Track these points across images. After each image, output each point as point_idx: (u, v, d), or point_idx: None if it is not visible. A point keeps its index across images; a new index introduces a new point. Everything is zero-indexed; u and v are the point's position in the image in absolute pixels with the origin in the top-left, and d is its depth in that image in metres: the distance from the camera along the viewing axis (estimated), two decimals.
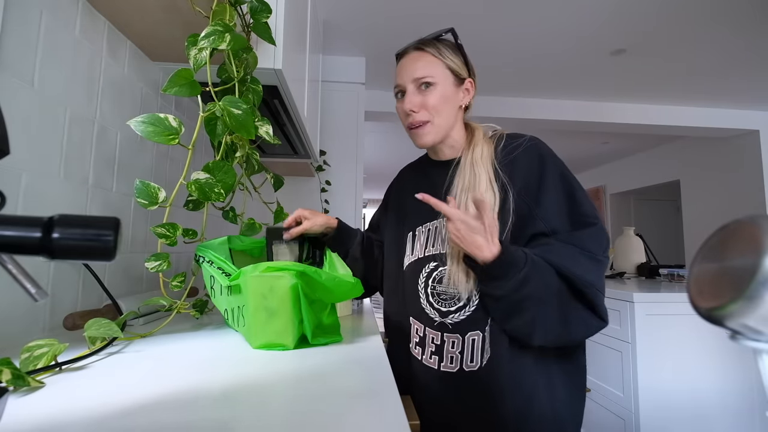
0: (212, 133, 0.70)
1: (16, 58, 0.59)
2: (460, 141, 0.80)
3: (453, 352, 0.71)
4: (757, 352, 0.44)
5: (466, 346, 0.70)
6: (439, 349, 0.72)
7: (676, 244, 4.70)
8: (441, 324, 0.73)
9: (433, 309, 0.74)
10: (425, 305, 0.75)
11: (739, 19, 1.98)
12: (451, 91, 0.76)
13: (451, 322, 0.71)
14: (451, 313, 0.72)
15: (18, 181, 0.59)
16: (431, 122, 0.76)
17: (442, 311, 0.73)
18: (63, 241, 0.28)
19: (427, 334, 0.74)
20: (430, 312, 0.74)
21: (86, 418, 0.35)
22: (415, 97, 0.76)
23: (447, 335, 0.72)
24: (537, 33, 2.15)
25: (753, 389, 1.65)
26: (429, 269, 0.76)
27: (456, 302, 0.71)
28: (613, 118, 3.11)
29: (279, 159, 1.72)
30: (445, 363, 0.71)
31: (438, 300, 0.74)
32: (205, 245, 0.73)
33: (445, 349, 0.72)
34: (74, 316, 0.65)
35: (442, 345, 0.72)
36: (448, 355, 0.71)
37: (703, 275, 0.47)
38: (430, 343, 0.74)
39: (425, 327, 0.75)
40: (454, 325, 0.71)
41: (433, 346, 0.73)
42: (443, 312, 0.73)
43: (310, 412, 0.37)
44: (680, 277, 2.10)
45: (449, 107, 0.76)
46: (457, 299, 0.71)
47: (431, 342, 0.74)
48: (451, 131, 0.79)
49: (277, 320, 0.59)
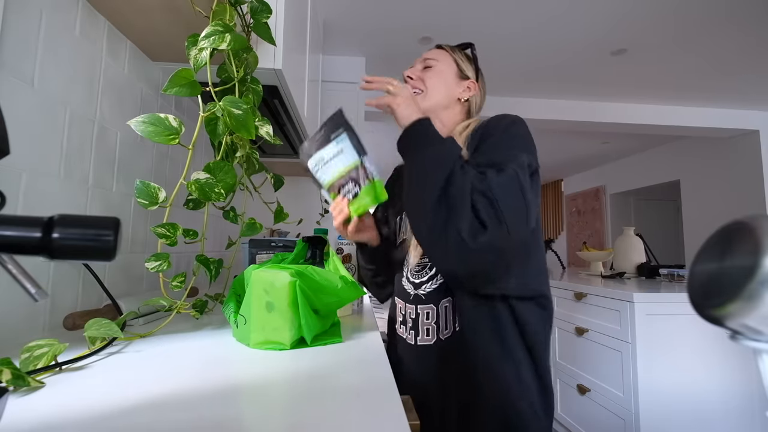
0: (212, 133, 0.69)
1: (16, 58, 0.59)
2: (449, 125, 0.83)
3: (428, 324, 0.72)
4: (757, 352, 0.45)
5: (440, 315, 0.71)
6: (415, 323, 0.75)
7: (676, 244, 4.70)
8: (415, 297, 0.75)
9: (409, 282, 0.77)
10: (404, 282, 0.79)
11: (740, 19, 1.98)
12: (450, 77, 0.82)
13: (424, 292, 0.74)
14: (423, 284, 0.74)
15: (18, 181, 0.59)
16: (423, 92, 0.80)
17: (416, 283, 0.75)
18: (63, 241, 0.28)
19: (407, 310, 0.77)
20: (407, 286, 0.78)
21: (86, 418, 0.35)
22: (416, 70, 0.84)
23: (421, 307, 0.74)
24: (537, 33, 2.15)
25: (753, 389, 1.65)
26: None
27: (427, 271, 0.73)
28: (613, 118, 3.11)
29: (279, 159, 1.72)
30: (422, 336, 0.73)
31: (412, 273, 0.77)
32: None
33: (420, 322, 0.74)
34: (74, 316, 0.65)
35: (417, 318, 0.74)
36: (424, 327, 0.73)
37: (704, 275, 0.47)
38: (408, 319, 0.76)
39: (405, 304, 0.78)
40: (427, 295, 0.73)
41: (410, 321, 0.76)
42: (416, 284, 0.75)
43: (309, 412, 0.37)
44: (680, 277, 2.10)
45: (444, 89, 0.81)
46: (428, 268, 0.73)
47: (408, 317, 0.76)
48: (441, 112, 0.82)
49: (275, 316, 0.59)
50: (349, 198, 0.68)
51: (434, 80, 0.81)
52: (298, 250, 0.84)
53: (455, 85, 0.83)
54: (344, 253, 1.12)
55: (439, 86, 0.81)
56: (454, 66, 0.83)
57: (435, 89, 0.81)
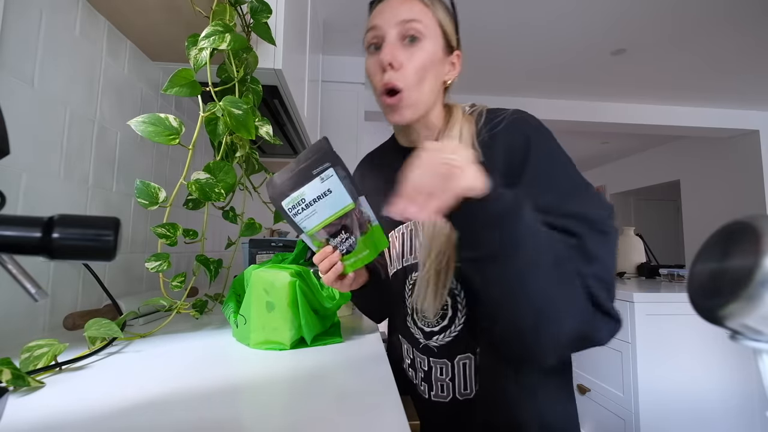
0: (213, 133, 0.70)
1: (16, 58, 0.59)
2: (437, 123, 0.64)
3: (443, 380, 0.60)
4: (757, 352, 0.44)
5: (456, 372, 0.59)
6: (428, 376, 0.62)
7: (676, 244, 4.70)
8: (426, 347, 0.62)
9: (417, 328, 0.64)
10: (410, 323, 0.65)
11: (740, 19, 1.98)
12: (439, 55, 0.59)
13: (436, 344, 0.61)
14: (434, 334, 0.61)
15: (18, 181, 0.59)
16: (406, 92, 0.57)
17: (426, 331, 0.62)
18: (63, 241, 0.28)
19: (415, 357, 0.65)
20: (415, 332, 0.64)
21: (86, 418, 0.35)
22: (397, 49, 0.57)
23: (434, 360, 0.61)
24: (537, 33, 2.15)
25: (752, 389, 1.65)
26: (412, 281, 0.63)
27: (439, 321, 0.60)
28: (613, 118, 3.11)
29: (279, 159, 1.72)
30: (436, 392, 0.61)
31: (420, 318, 0.63)
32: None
33: (434, 377, 0.61)
34: (74, 316, 0.65)
35: (430, 372, 0.62)
36: (438, 383, 0.61)
37: (704, 275, 0.47)
38: (420, 368, 0.64)
39: (413, 348, 0.65)
40: (439, 348, 0.60)
41: (422, 372, 0.63)
42: (426, 333, 0.62)
43: (309, 412, 0.37)
44: (680, 277, 2.10)
45: (434, 77, 0.60)
46: (440, 317, 0.60)
47: (420, 367, 0.64)
48: (431, 109, 0.62)
49: (275, 316, 0.59)
50: (342, 251, 0.55)
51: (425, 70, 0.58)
52: (298, 250, 0.84)
53: (442, 65, 0.61)
54: None
55: (430, 78, 0.59)
56: (440, 34, 0.60)
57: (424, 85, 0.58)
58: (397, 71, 0.57)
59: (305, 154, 0.52)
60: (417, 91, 0.58)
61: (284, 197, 0.53)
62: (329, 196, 0.52)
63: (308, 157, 0.52)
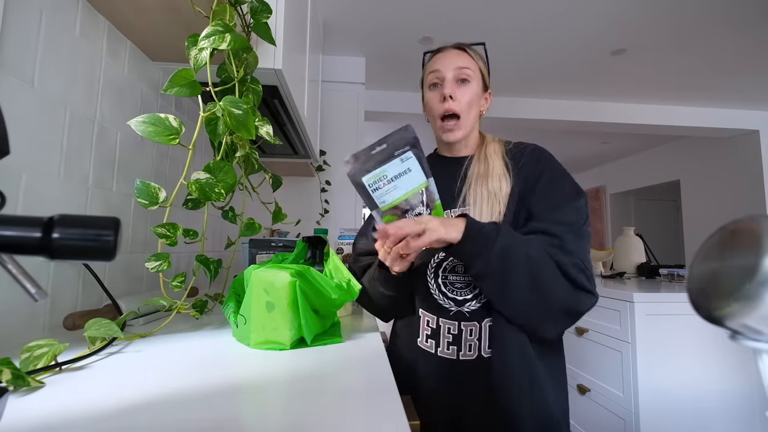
0: (213, 133, 0.69)
1: (16, 58, 0.59)
2: (474, 143, 0.86)
3: (471, 340, 0.72)
4: (757, 352, 0.44)
5: (483, 332, 0.71)
6: (457, 339, 0.73)
7: (676, 244, 4.70)
8: (458, 313, 0.74)
9: (447, 299, 0.75)
10: (437, 296, 0.76)
11: (740, 19, 1.98)
12: (479, 93, 0.82)
13: (468, 310, 0.73)
14: (467, 301, 0.73)
15: (18, 181, 0.59)
16: (462, 117, 0.80)
17: (458, 300, 0.74)
18: (63, 241, 0.28)
19: (442, 325, 0.75)
20: (444, 302, 0.75)
21: (86, 418, 0.35)
22: (454, 87, 0.80)
23: (464, 323, 0.73)
24: (537, 33, 2.15)
25: (752, 389, 1.65)
26: (438, 259, 0.77)
27: (472, 290, 0.73)
28: (613, 118, 3.11)
29: (279, 159, 1.72)
30: (464, 351, 0.72)
31: (452, 289, 0.75)
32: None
33: (464, 338, 0.73)
34: (74, 316, 0.65)
35: (460, 334, 0.73)
36: (467, 343, 0.72)
37: (703, 275, 0.47)
38: (446, 334, 0.74)
39: (438, 318, 0.76)
40: (471, 313, 0.73)
41: (450, 336, 0.74)
42: (459, 301, 0.74)
43: (309, 412, 0.37)
44: (680, 277, 2.10)
45: (475, 108, 0.82)
46: (473, 287, 0.73)
47: (447, 332, 0.74)
48: (472, 132, 0.84)
49: (275, 316, 0.59)
50: None
51: (471, 103, 0.80)
52: (298, 250, 0.84)
53: (480, 100, 0.83)
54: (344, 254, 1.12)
55: (474, 109, 0.81)
56: (480, 78, 0.82)
57: (470, 114, 0.81)
58: (455, 102, 0.79)
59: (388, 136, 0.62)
60: (467, 117, 0.81)
61: (366, 173, 0.62)
62: (408, 174, 0.62)
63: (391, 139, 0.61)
